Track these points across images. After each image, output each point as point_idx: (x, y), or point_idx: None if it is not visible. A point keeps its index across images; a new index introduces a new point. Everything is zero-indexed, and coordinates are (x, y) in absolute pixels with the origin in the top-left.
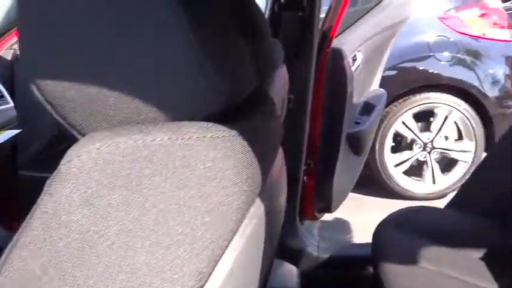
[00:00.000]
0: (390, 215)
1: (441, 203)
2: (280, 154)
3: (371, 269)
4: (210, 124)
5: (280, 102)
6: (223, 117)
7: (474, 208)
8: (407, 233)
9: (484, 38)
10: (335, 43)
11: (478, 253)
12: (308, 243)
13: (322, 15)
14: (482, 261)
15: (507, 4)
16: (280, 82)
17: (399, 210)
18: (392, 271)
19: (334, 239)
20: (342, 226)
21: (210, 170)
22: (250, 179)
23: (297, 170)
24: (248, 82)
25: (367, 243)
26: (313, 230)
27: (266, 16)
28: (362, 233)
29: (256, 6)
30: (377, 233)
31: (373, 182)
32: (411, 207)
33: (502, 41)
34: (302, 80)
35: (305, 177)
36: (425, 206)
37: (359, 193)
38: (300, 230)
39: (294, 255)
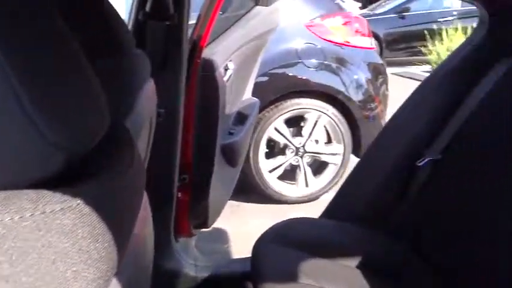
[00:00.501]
0: (269, 228)
1: (315, 205)
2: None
3: (251, 286)
4: (45, 193)
5: (148, 120)
6: (65, 178)
7: (349, 216)
8: (286, 246)
9: (348, 45)
10: (206, 53)
11: (354, 261)
12: (185, 264)
13: (193, 21)
14: (358, 270)
15: (364, 11)
16: (147, 98)
17: (278, 223)
18: None
19: (213, 251)
20: (220, 236)
21: (46, 254)
22: (105, 258)
23: (171, 187)
24: (97, 126)
25: (246, 258)
26: (189, 247)
27: (130, 26)
28: (241, 241)
29: (117, 16)
30: (256, 248)
31: (249, 188)
32: (290, 219)
33: (363, 48)
34: (172, 92)
35: (179, 194)
36: (302, 218)
37: (235, 200)
38: (175, 250)
39: (170, 278)
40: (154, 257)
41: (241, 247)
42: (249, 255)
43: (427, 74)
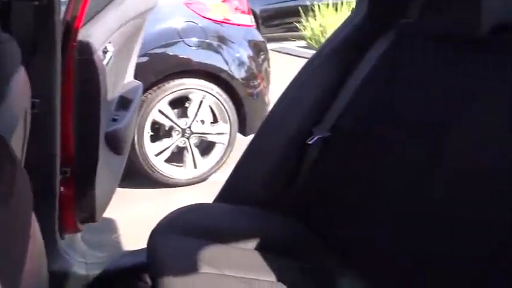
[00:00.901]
0: (165, 217)
1: (204, 186)
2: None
3: (149, 279)
4: None
5: (22, 113)
6: None
7: (244, 199)
8: (184, 235)
9: (228, 23)
10: (82, 35)
11: (253, 244)
12: (73, 262)
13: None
14: (257, 252)
15: None
16: (18, 89)
17: (173, 211)
18: (171, 281)
19: (102, 244)
20: (109, 226)
21: None
22: None
23: (52, 182)
24: None
25: (141, 250)
26: (76, 243)
27: None
28: (131, 229)
29: None
30: (152, 238)
31: (136, 174)
32: (185, 206)
33: (244, 25)
34: (46, 79)
35: (62, 188)
36: (198, 204)
37: (122, 187)
38: (61, 249)
39: (59, 280)
40: None
41: (132, 236)
42: (141, 243)
43: (304, 49)
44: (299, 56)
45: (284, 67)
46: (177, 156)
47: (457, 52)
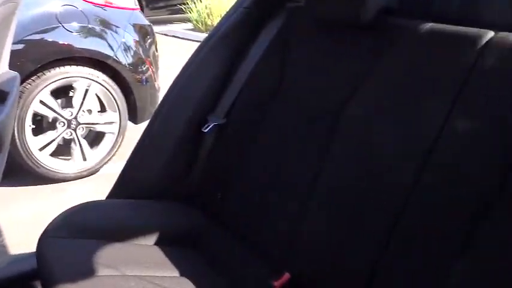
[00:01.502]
0: (55, 218)
1: (96, 179)
2: None
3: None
4: None
5: None
6: None
7: (140, 192)
8: (78, 236)
9: (111, 7)
10: None
11: (152, 239)
12: None
13: None
14: (157, 247)
15: None
16: None
17: (65, 211)
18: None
19: None
20: None
21: None
22: None
23: None
24: None
25: (31, 254)
26: None
27: None
28: (18, 231)
29: None
30: (42, 242)
31: (19, 171)
32: (78, 205)
33: (128, 9)
34: None
35: None
36: (92, 202)
37: (5, 186)
38: None
39: None
40: None
41: (19, 238)
42: (31, 246)
43: (190, 32)
44: (186, 39)
45: (172, 50)
46: (63, 149)
47: (344, 36)
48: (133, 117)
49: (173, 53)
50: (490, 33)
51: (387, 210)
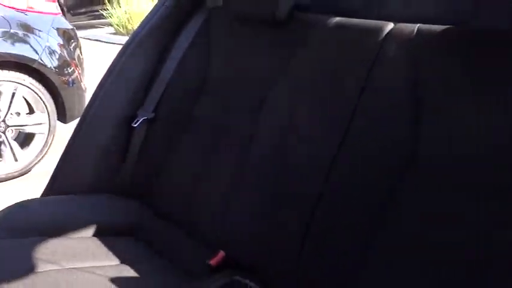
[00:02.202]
0: None
1: (28, 178)
2: None
3: None
4: None
5: None
6: None
7: (75, 187)
8: (13, 236)
9: (33, 11)
10: None
11: (91, 231)
12: None
13: None
14: (96, 238)
15: None
16: None
17: None
18: None
19: None
20: None
21: None
22: None
23: None
24: None
25: None
26: None
27: None
28: None
29: None
30: None
31: None
32: (12, 205)
33: (50, 13)
34: None
35: None
36: (26, 200)
37: None
38: None
39: None
40: None
41: None
42: None
43: (113, 36)
44: (109, 42)
45: (96, 53)
46: None
47: (260, 33)
48: (63, 117)
49: (98, 55)
50: (390, 25)
51: (311, 186)
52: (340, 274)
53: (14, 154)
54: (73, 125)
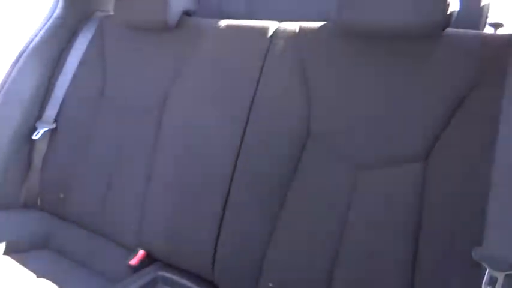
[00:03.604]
0: None
1: None
2: None
3: None
4: None
5: None
6: None
7: None
8: None
9: None
10: None
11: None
12: None
13: None
14: (7, 256)
15: None
16: None
17: None
18: None
19: None
20: None
21: None
22: None
23: None
24: None
25: None
26: None
27: None
28: None
29: None
30: None
31: None
32: None
33: None
34: None
35: None
36: None
37: None
38: None
39: None
40: None
41: None
42: None
43: None
44: None
45: None
46: None
47: (153, 38)
48: None
49: None
50: (276, 24)
51: (220, 175)
52: (251, 257)
53: None
54: None
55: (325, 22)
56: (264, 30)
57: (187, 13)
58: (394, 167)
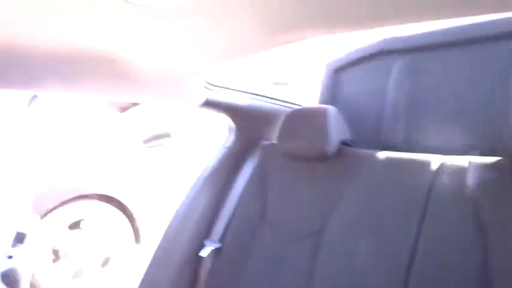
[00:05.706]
0: None
1: None
2: None
3: None
4: None
5: None
6: None
7: None
8: None
9: None
10: None
11: None
12: None
13: None
14: None
15: None
16: None
17: None
18: None
19: None
20: None
21: None
22: None
23: None
24: None
25: None
26: None
27: None
28: None
29: None
30: None
31: None
32: None
33: None
34: None
35: None
36: None
37: None
38: None
39: None
40: None
41: None
42: None
43: None
44: None
45: None
46: None
47: (311, 166)
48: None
49: None
50: (439, 158)
51: None
52: None
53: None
54: None
55: (499, 158)
56: (427, 165)
57: (345, 143)
58: None
